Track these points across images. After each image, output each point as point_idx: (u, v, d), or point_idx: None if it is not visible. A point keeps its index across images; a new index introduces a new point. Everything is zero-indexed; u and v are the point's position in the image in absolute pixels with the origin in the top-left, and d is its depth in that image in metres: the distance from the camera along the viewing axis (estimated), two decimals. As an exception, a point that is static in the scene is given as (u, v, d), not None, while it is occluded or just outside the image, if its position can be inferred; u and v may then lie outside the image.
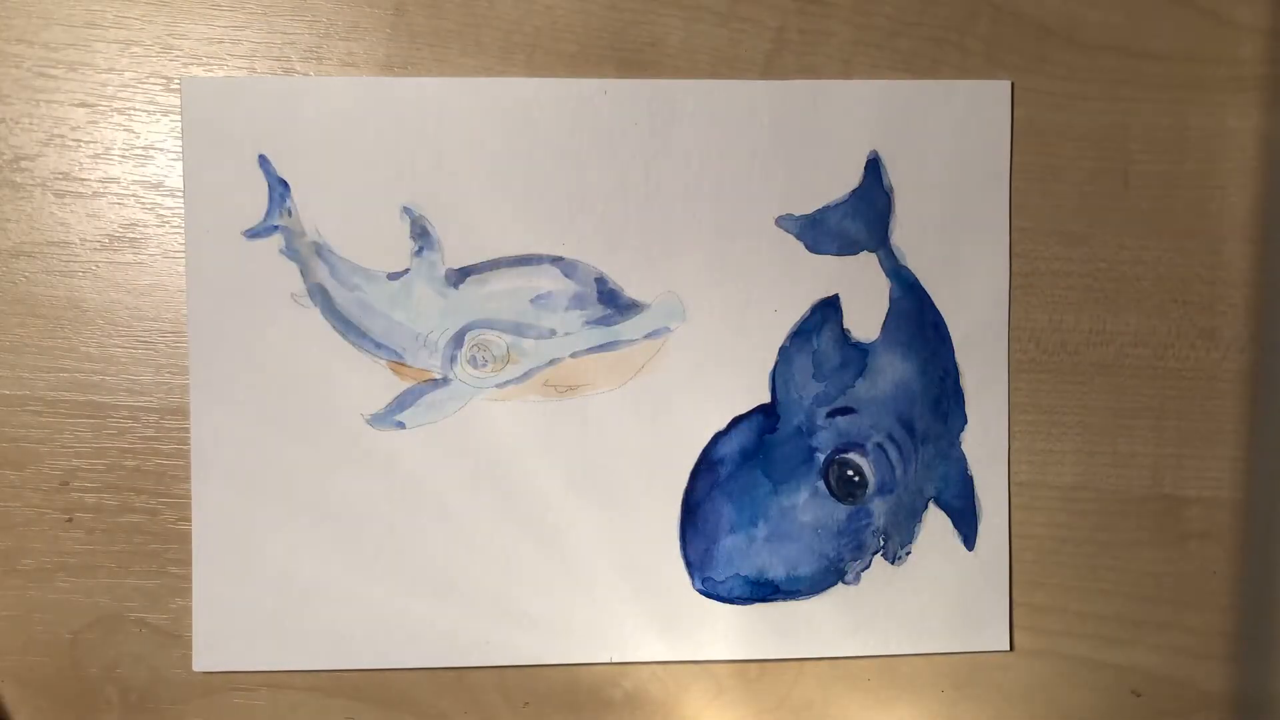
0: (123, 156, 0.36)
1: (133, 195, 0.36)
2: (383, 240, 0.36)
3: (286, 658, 0.37)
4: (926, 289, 0.38)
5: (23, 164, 0.36)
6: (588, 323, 0.37)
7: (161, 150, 0.36)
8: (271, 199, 0.36)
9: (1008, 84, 0.38)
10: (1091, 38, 0.38)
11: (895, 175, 0.38)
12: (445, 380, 0.37)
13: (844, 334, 0.38)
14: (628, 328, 0.37)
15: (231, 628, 0.36)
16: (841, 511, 0.38)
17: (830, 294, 0.38)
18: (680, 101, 0.37)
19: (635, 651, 0.38)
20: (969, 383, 0.38)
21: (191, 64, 0.36)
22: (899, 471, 0.38)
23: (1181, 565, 0.39)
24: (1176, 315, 0.39)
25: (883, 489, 0.38)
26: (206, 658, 0.36)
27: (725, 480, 0.37)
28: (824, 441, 0.38)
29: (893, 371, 0.38)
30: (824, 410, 0.38)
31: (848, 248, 0.38)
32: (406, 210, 0.36)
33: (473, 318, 0.37)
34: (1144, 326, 0.39)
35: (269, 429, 0.36)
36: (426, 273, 0.37)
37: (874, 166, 0.37)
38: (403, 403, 0.37)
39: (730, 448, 0.37)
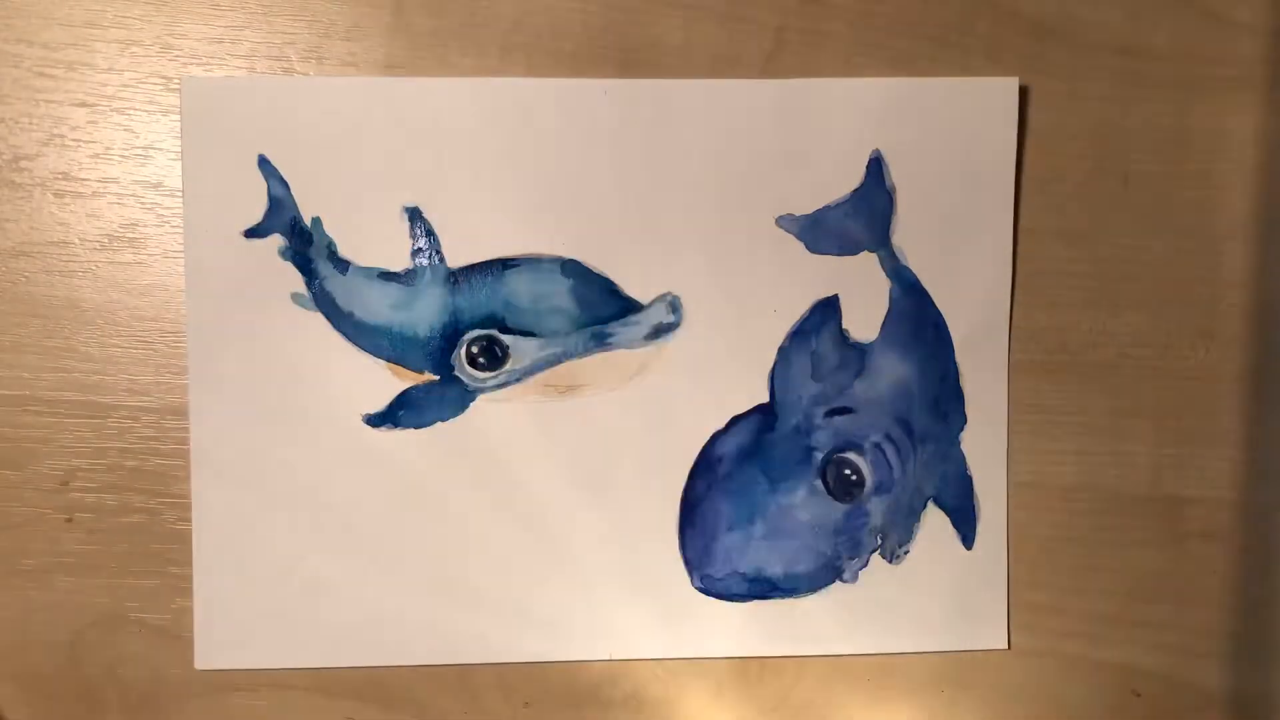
0: (122, 156, 0.36)
1: (132, 195, 0.36)
2: (382, 240, 0.36)
3: (287, 655, 0.37)
4: (927, 289, 0.38)
5: (22, 164, 0.36)
6: (587, 323, 0.37)
7: (161, 150, 0.36)
8: (271, 199, 0.36)
9: (1015, 81, 0.37)
10: (1091, 37, 0.38)
11: (898, 174, 0.38)
12: (445, 381, 0.37)
13: (843, 334, 0.38)
14: (627, 328, 0.37)
15: (233, 626, 0.36)
16: (839, 510, 0.38)
17: (830, 294, 0.38)
18: (680, 101, 0.37)
19: (634, 648, 0.38)
20: (969, 383, 0.38)
21: (191, 64, 0.36)
22: (897, 471, 0.38)
23: (1181, 565, 0.39)
24: (1176, 315, 0.39)
25: (880, 488, 0.38)
26: (208, 656, 0.36)
27: (724, 479, 0.37)
28: (822, 441, 0.38)
29: (892, 371, 0.38)
30: (822, 410, 0.38)
31: (848, 248, 0.38)
32: (406, 210, 0.36)
33: (472, 318, 0.37)
34: (1144, 326, 0.39)
35: (268, 429, 0.36)
36: (426, 273, 0.37)
37: (876, 166, 0.37)
38: (402, 403, 0.37)
39: (729, 447, 0.37)
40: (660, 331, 0.37)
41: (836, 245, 0.38)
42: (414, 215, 0.36)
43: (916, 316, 0.38)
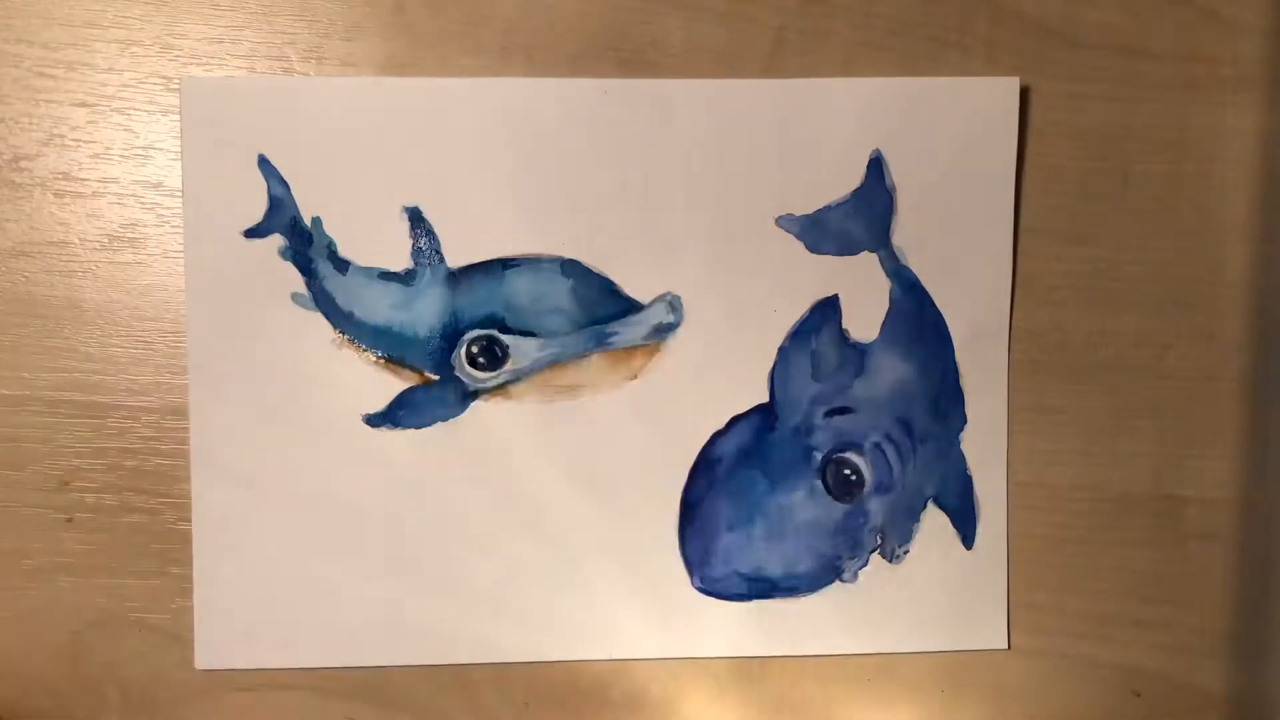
0: (122, 156, 0.36)
1: (132, 195, 0.36)
2: (383, 240, 0.37)
3: (287, 656, 0.37)
4: (927, 289, 0.38)
5: (22, 164, 0.36)
6: (587, 323, 0.37)
7: (161, 150, 0.36)
8: (271, 199, 0.36)
9: (1016, 81, 0.37)
10: (1091, 38, 0.38)
11: (898, 174, 0.38)
12: (445, 380, 0.37)
13: (843, 334, 0.38)
14: (627, 328, 0.37)
15: (232, 626, 0.36)
16: (838, 510, 0.38)
17: (830, 294, 0.38)
18: (680, 101, 0.37)
19: (634, 648, 0.38)
20: (969, 383, 0.38)
21: (191, 64, 0.36)
22: (897, 471, 0.38)
23: (1181, 565, 0.39)
24: (1176, 315, 0.39)
25: (880, 488, 0.38)
26: (208, 656, 0.36)
27: (724, 479, 0.37)
28: (821, 441, 0.38)
29: (891, 371, 0.38)
30: (821, 410, 0.38)
31: (848, 248, 0.38)
32: (406, 210, 0.36)
33: (472, 318, 0.37)
34: (1144, 326, 0.39)
35: (268, 429, 0.36)
36: (426, 273, 0.37)
37: (876, 166, 0.37)
38: (402, 403, 0.37)
39: (729, 447, 0.37)
40: (660, 331, 0.37)
41: (836, 245, 0.38)
42: (414, 215, 0.36)
43: (916, 316, 0.38)
